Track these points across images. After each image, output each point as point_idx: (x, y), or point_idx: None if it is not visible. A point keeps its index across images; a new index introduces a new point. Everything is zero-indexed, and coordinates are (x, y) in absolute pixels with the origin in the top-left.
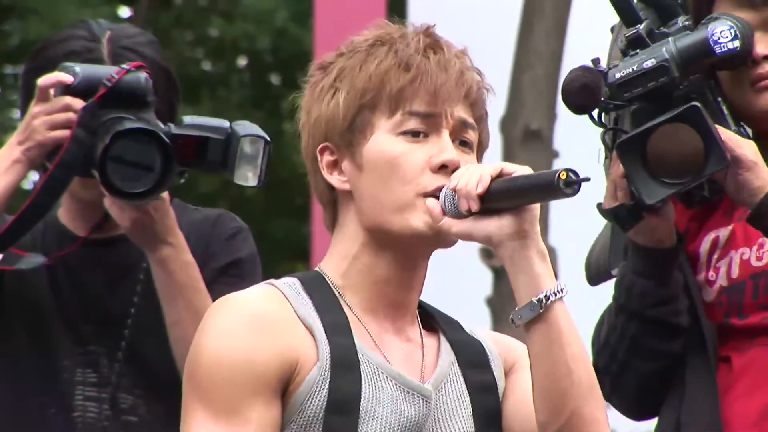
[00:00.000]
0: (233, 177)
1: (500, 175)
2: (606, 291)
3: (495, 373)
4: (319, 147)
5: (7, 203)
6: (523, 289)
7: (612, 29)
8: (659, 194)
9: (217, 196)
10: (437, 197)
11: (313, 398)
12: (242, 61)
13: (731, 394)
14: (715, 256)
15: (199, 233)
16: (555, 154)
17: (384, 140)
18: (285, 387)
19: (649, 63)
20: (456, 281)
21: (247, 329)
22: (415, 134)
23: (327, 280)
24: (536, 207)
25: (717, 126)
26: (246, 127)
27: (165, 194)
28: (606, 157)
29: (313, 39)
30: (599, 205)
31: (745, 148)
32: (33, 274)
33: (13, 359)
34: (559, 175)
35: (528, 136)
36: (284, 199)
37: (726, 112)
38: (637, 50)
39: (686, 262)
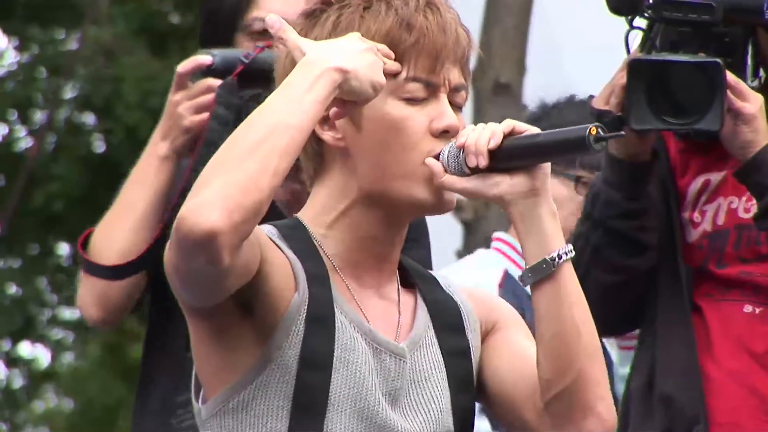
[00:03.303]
0: None
1: (512, 132)
2: None
3: (469, 336)
4: None
5: (165, 201)
6: (534, 248)
7: None
8: (646, 123)
9: None
10: (438, 158)
11: (290, 340)
12: None
13: (703, 350)
14: (703, 199)
15: None
16: (524, 108)
17: (385, 103)
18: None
19: None
20: None
21: None
22: (415, 99)
23: (307, 228)
24: (548, 165)
25: (730, 74)
26: None
27: None
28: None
29: None
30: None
31: (749, 101)
32: None
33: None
34: (589, 131)
35: (497, 89)
36: None
37: (750, 63)
38: None
39: (675, 198)
